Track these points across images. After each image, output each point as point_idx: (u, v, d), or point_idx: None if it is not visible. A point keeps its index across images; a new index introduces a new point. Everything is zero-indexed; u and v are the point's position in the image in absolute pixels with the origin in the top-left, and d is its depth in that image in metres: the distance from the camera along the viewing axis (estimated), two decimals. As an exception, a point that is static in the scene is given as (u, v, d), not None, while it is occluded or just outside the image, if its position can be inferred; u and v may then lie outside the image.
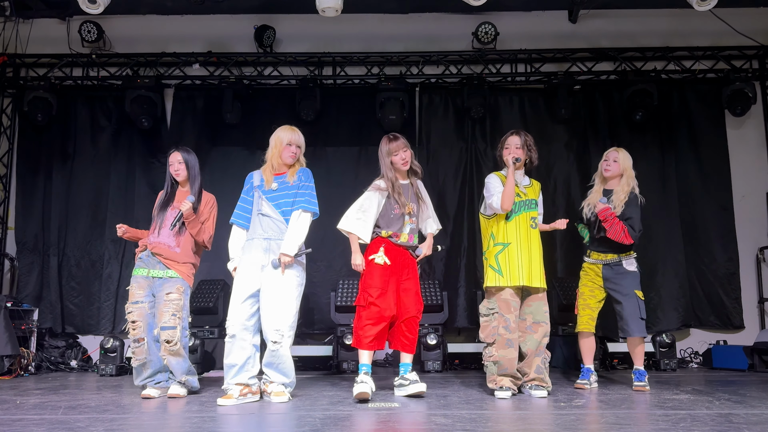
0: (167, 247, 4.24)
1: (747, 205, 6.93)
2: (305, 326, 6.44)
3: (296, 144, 4.08)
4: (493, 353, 3.99)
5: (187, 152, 4.39)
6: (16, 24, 7.02)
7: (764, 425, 2.90)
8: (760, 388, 4.38)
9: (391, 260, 4.07)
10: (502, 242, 4.11)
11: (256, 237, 4.00)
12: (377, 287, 4.01)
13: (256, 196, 4.09)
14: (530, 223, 4.15)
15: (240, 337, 3.86)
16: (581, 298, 4.53)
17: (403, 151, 4.19)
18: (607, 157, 4.51)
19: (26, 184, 7.04)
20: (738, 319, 6.68)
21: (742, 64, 7.03)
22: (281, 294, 3.87)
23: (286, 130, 4.11)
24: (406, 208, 4.14)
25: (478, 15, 6.86)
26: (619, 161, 4.46)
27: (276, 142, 4.08)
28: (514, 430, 2.96)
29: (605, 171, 4.49)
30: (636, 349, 4.44)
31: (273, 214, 4.00)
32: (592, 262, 4.53)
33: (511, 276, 4.04)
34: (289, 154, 4.06)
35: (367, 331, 3.97)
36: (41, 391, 4.47)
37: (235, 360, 3.85)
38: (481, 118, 6.94)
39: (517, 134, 4.26)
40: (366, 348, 4.01)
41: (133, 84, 6.79)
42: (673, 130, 6.99)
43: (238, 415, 3.41)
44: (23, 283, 6.82)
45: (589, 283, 4.51)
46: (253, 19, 7.04)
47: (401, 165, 4.20)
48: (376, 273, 4.05)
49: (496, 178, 4.22)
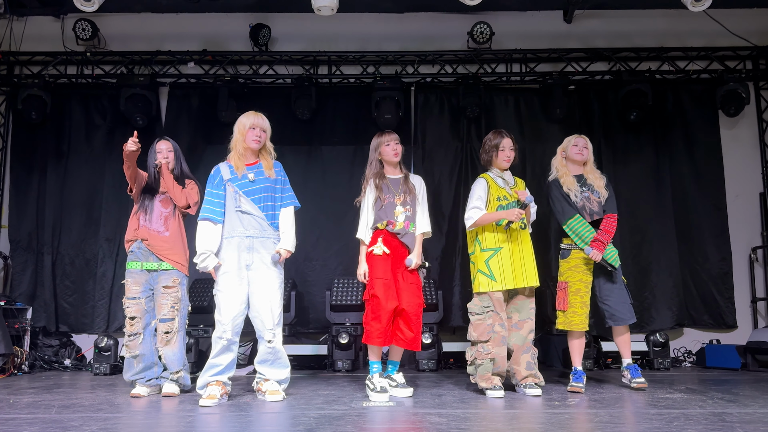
0: (156, 233, 4.23)
1: (740, 205, 6.97)
2: (300, 325, 6.43)
3: (260, 127, 3.98)
4: (490, 350, 4.01)
5: (173, 143, 4.42)
6: (10, 21, 6.99)
7: (757, 424, 2.92)
8: (753, 387, 4.41)
9: (390, 250, 4.08)
10: (493, 247, 4.13)
11: (236, 235, 3.90)
12: (379, 277, 4.01)
13: (230, 191, 3.96)
14: (520, 224, 4.16)
15: (232, 341, 3.85)
16: (577, 295, 4.29)
17: (395, 142, 4.21)
18: (577, 142, 4.45)
19: (20, 182, 7.01)
20: (731, 319, 6.71)
21: (735, 64, 7.06)
22: (272, 293, 3.89)
23: (249, 114, 4.02)
24: (396, 198, 4.14)
25: (474, 15, 6.86)
26: (588, 148, 4.47)
27: (239, 127, 4.00)
28: (508, 428, 2.97)
29: (578, 155, 4.43)
30: (623, 337, 4.38)
31: (254, 212, 3.92)
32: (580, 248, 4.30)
33: (505, 280, 4.07)
34: (252, 138, 3.96)
35: (372, 326, 3.97)
36: (35, 390, 4.46)
37: (223, 361, 3.84)
38: (476, 118, 6.95)
39: (507, 135, 4.30)
40: (375, 343, 3.99)
41: (128, 82, 6.76)
42: (668, 130, 7.02)
43: (232, 414, 3.41)
44: (17, 281, 6.79)
45: (584, 278, 4.31)
46: (248, 18, 7.03)
47: (392, 156, 4.20)
48: (377, 264, 4.06)
49: (481, 186, 4.25)
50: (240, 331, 3.89)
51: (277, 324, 3.89)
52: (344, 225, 6.34)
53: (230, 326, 3.82)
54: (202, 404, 3.66)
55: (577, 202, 4.35)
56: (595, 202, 4.37)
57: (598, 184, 4.40)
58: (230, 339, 3.82)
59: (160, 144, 4.37)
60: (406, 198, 4.18)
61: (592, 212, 4.35)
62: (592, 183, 4.40)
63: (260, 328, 3.89)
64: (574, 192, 4.36)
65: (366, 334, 4.03)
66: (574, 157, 4.45)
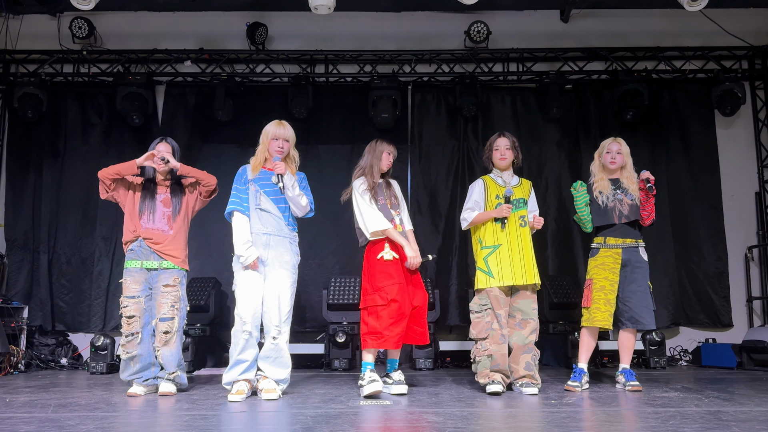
0: (161, 232, 4.23)
1: (736, 204, 6.99)
2: (297, 324, 6.41)
3: (283, 138, 4.09)
4: (488, 347, 4.03)
5: (173, 144, 4.44)
6: (6, 19, 6.98)
7: (752, 422, 2.93)
8: (749, 386, 4.42)
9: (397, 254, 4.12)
10: (492, 245, 4.17)
11: (254, 232, 4.02)
12: (395, 282, 4.02)
13: (252, 190, 4.08)
14: (519, 222, 4.20)
15: (254, 335, 3.94)
16: (602, 291, 4.24)
17: (393, 156, 4.37)
18: (610, 149, 4.45)
19: (16, 180, 6.99)
20: (727, 318, 6.73)
21: (731, 64, 7.08)
22: (284, 291, 3.97)
23: (273, 124, 4.15)
24: (387, 201, 4.22)
25: (471, 14, 6.87)
26: (622, 153, 4.45)
27: (263, 136, 4.15)
28: (505, 427, 2.98)
29: (611, 164, 4.42)
30: (629, 343, 4.38)
31: (273, 210, 4.04)
32: (610, 247, 4.32)
33: (502, 276, 4.09)
34: (275, 148, 4.07)
35: (392, 330, 3.96)
36: (31, 389, 4.44)
37: (248, 356, 3.93)
38: (473, 117, 6.96)
39: (505, 136, 4.34)
40: (393, 347, 4.05)
41: (125, 81, 6.75)
42: (664, 129, 7.04)
43: (230, 413, 3.41)
44: (13, 280, 6.77)
45: (610, 276, 4.26)
46: (245, 16, 7.03)
47: (386, 165, 4.32)
48: (390, 269, 4.07)
49: (479, 188, 4.30)
50: (259, 324, 3.97)
51: (284, 322, 3.97)
52: (341, 224, 6.34)
53: (250, 320, 3.90)
54: (231, 399, 3.78)
55: (608, 204, 4.37)
56: (627, 205, 4.36)
57: (633, 188, 4.38)
58: (251, 332, 3.91)
59: (160, 146, 4.37)
60: (393, 201, 4.30)
61: (622, 215, 4.36)
62: (627, 187, 4.40)
63: (267, 324, 3.95)
64: (606, 194, 4.38)
65: (382, 338, 3.98)
66: (608, 166, 4.45)
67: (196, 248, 4.50)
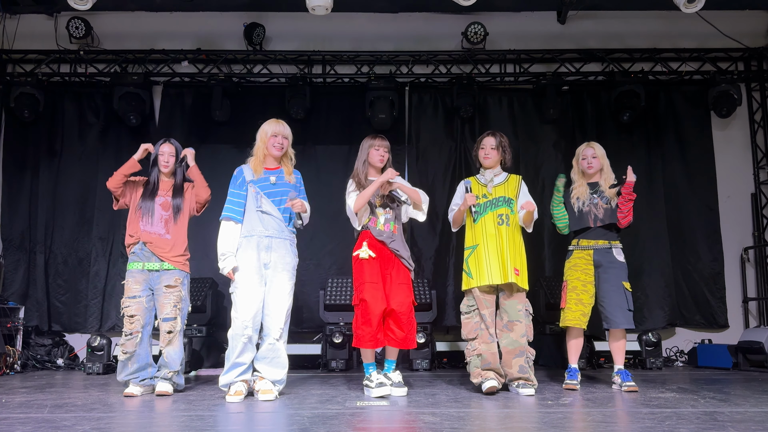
0: (158, 236, 4.24)
1: (732, 205, 7.01)
2: (294, 325, 6.39)
3: (282, 135, 4.10)
4: (477, 347, 4.04)
5: (177, 145, 4.47)
6: (3, 19, 6.96)
7: (748, 423, 2.94)
8: (744, 387, 4.44)
9: (375, 253, 4.07)
10: (471, 245, 4.19)
11: (255, 234, 3.99)
12: (365, 281, 4.01)
13: (251, 191, 4.06)
14: (497, 221, 4.16)
15: (254, 339, 3.93)
16: (573, 292, 4.35)
17: (384, 149, 4.23)
18: (585, 155, 4.50)
19: (12, 180, 6.98)
20: (723, 319, 6.75)
21: (728, 66, 7.10)
22: (285, 293, 3.98)
23: (272, 122, 4.15)
24: (376, 199, 4.13)
25: (468, 15, 6.88)
26: (598, 157, 4.49)
27: (261, 135, 4.13)
28: (501, 428, 2.98)
29: (588, 168, 4.48)
30: (618, 343, 4.38)
31: (273, 212, 4.03)
32: (582, 249, 4.40)
33: (480, 277, 4.09)
34: (274, 145, 4.07)
35: (364, 329, 3.97)
36: (27, 390, 4.44)
37: (246, 359, 3.92)
38: (470, 118, 6.97)
39: (492, 135, 4.34)
40: (366, 347, 4.01)
41: (122, 81, 6.75)
42: (660, 130, 7.06)
43: (226, 414, 3.41)
44: (9, 280, 6.75)
45: (582, 276, 4.36)
46: (242, 17, 7.02)
47: (378, 161, 4.21)
48: (363, 268, 4.05)
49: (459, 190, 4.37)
50: (259, 327, 3.96)
51: (287, 323, 4.00)
52: (338, 224, 6.33)
53: (251, 323, 3.89)
54: (229, 400, 3.79)
55: (583, 209, 4.42)
56: (602, 209, 4.40)
57: (610, 192, 4.41)
58: (250, 336, 3.90)
59: (164, 146, 4.39)
60: (386, 201, 4.19)
61: (597, 218, 4.40)
62: (604, 190, 4.43)
63: (269, 326, 3.95)
64: (582, 200, 4.44)
65: (356, 338, 4.03)
66: (586, 171, 4.50)
67: (192, 249, 4.49)
